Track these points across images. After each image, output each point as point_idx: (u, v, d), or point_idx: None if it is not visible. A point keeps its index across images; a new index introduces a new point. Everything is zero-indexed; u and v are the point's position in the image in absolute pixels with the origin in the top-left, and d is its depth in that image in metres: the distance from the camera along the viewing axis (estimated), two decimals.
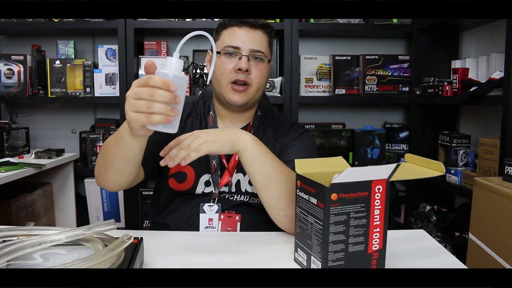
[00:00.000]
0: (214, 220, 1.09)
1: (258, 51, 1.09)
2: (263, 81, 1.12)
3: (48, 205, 2.17)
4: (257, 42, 1.09)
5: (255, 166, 0.94)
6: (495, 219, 1.17)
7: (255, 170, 0.94)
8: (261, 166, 0.94)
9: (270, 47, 1.15)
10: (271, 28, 1.14)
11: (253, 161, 0.93)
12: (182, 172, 1.12)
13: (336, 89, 2.32)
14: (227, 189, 1.12)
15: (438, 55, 2.18)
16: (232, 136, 0.93)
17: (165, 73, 0.73)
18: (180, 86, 0.74)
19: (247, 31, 1.09)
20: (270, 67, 1.16)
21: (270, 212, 0.98)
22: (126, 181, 0.98)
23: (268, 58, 1.12)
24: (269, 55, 1.14)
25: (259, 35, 1.10)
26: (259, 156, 0.94)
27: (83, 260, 0.62)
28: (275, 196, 0.94)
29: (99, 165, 0.99)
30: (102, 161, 0.97)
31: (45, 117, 2.47)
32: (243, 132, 0.95)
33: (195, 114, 1.20)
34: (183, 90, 0.75)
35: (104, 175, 0.97)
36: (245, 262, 0.83)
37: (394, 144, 2.40)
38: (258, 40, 1.10)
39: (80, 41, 2.41)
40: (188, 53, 2.39)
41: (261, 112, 1.21)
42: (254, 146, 0.94)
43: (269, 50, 1.14)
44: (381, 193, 0.73)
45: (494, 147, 1.53)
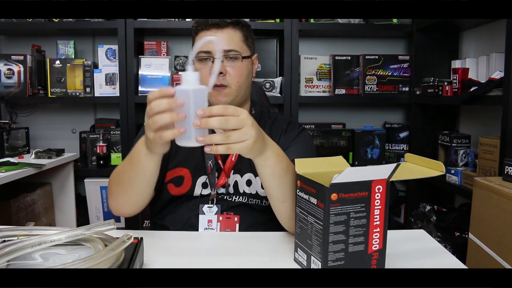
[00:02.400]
0: (213, 222, 1.09)
1: (230, 51, 1.06)
2: (242, 79, 1.08)
3: (48, 205, 2.17)
4: (227, 42, 1.06)
5: (274, 181, 0.90)
6: (495, 219, 1.17)
7: (273, 185, 0.91)
8: (281, 181, 0.90)
9: (246, 42, 1.10)
10: (242, 23, 1.10)
11: (272, 177, 0.89)
12: (178, 176, 1.11)
13: (336, 89, 2.32)
14: (225, 190, 1.11)
15: (438, 55, 2.18)
16: (263, 147, 0.84)
17: (184, 89, 0.72)
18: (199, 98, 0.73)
19: (215, 33, 1.06)
20: (250, 62, 1.11)
21: (284, 222, 0.97)
22: (145, 202, 0.99)
23: (243, 55, 1.07)
24: (245, 50, 1.09)
25: (228, 33, 1.07)
26: (279, 171, 0.88)
27: (83, 260, 0.62)
28: (291, 208, 0.90)
29: (116, 193, 0.97)
30: (119, 189, 0.96)
31: (45, 117, 2.47)
32: (272, 146, 0.87)
33: None
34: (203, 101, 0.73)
35: (123, 202, 0.97)
36: (245, 262, 0.83)
37: (394, 144, 2.40)
38: (229, 39, 1.06)
39: (80, 41, 2.41)
40: (188, 53, 2.39)
41: (255, 111, 1.19)
42: (275, 162, 0.87)
43: (244, 46, 1.09)
44: (381, 193, 0.73)
45: (494, 147, 1.53)
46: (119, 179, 0.96)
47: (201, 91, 0.73)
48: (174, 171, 1.11)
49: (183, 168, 1.11)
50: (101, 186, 2.29)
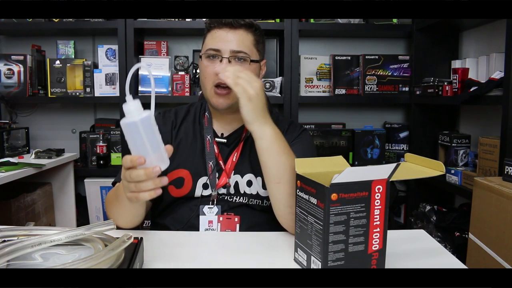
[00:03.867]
0: (214, 222, 1.09)
1: (240, 52, 1.05)
2: None
3: (48, 205, 2.17)
4: (238, 43, 1.05)
5: (270, 157, 0.94)
6: (495, 219, 1.17)
7: (269, 162, 0.95)
8: (276, 159, 0.94)
9: (256, 46, 1.09)
10: (255, 27, 1.10)
11: (269, 152, 0.94)
12: (179, 178, 1.11)
13: (336, 89, 2.32)
14: (225, 190, 1.11)
15: (438, 55, 2.18)
16: (263, 118, 0.94)
17: (132, 122, 0.71)
18: (148, 126, 0.72)
19: (228, 32, 1.06)
20: (258, 67, 1.10)
21: (276, 207, 0.98)
22: (141, 219, 1.03)
23: (251, 58, 1.07)
24: (254, 54, 1.09)
25: (240, 35, 1.06)
26: (276, 148, 0.94)
27: (83, 260, 0.62)
28: (286, 191, 0.94)
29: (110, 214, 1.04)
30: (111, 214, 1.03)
31: (45, 117, 2.47)
32: (272, 124, 0.96)
33: (189, 117, 1.19)
34: (152, 127, 0.73)
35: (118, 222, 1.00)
36: (245, 262, 0.83)
37: (394, 144, 2.40)
38: (240, 40, 1.06)
39: (80, 41, 2.41)
40: (188, 53, 2.39)
41: None
42: (273, 137, 0.94)
43: (254, 50, 1.09)
44: (381, 193, 0.73)
45: (494, 147, 1.53)
46: (110, 208, 1.03)
47: (146, 120, 0.72)
48: (174, 173, 1.11)
49: (183, 169, 1.11)
50: (101, 186, 2.29)
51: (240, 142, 1.14)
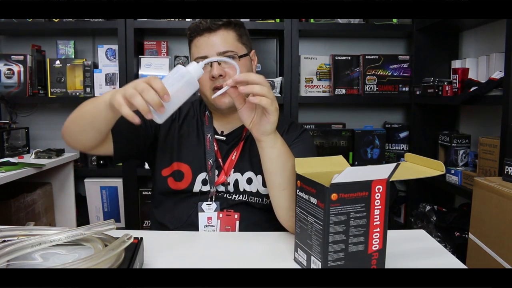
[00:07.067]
0: (213, 219, 1.09)
1: (226, 52, 1.07)
2: None
3: (48, 205, 2.17)
4: (221, 43, 1.07)
5: (279, 165, 0.93)
6: (495, 219, 1.17)
7: (278, 169, 0.94)
8: (283, 167, 0.93)
9: (240, 41, 1.10)
10: (233, 23, 1.10)
11: (278, 161, 0.93)
12: (179, 171, 1.12)
13: (336, 89, 2.32)
14: (225, 188, 1.12)
15: (438, 55, 2.18)
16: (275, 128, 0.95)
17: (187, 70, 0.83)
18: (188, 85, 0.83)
19: (209, 37, 1.07)
20: (248, 59, 1.12)
21: (279, 211, 0.98)
22: (89, 145, 1.04)
23: (239, 54, 1.08)
24: (241, 49, 1.10)
25: (221, 35, 1.07)
26: (284, 156, 0.93)
27: (83, 260, 0.62)
28: (290, 197, 0.94)
29: (69, 119, 1.06)
30: (72, 115, 1.05)
31: (45, 117, 2.46)
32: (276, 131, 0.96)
33: (192, 114, 1.20)
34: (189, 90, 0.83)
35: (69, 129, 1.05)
36: (245, 262, 0.83)
37: (394, 144, 2.40)
38: (222, 41, 1.07)
39: (80, 41, 2.41)
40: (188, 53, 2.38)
41: None
42: (281, 145, 0.94)
43: (240, 45, 1.10)
44: (381, 193, 0.73)
45: (494, 147, 1.53)
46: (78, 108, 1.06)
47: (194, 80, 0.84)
48: (174, 165, 1.12)
49: (184, 164, 1.12)
50: (101, 186, 2.29)
51: (241, 141, 1.15)
